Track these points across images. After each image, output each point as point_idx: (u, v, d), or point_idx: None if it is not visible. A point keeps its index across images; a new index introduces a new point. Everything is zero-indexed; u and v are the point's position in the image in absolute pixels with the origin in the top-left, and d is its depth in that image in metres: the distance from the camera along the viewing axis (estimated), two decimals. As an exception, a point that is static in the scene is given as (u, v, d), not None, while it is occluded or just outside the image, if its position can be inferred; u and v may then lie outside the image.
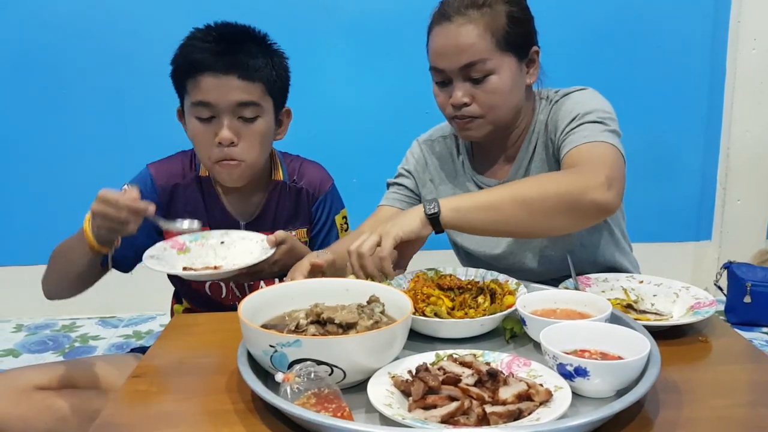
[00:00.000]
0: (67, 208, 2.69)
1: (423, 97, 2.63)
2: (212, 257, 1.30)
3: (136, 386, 0.93)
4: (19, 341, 2.55)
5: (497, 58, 1.25)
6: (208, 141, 1.31)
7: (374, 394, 0.81)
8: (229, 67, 1.28)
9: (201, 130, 1.31)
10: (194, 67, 1.29)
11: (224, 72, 1.28)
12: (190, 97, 1.31)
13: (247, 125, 1.32)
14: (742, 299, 2.59)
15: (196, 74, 1.29)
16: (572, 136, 1.23)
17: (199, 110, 1.30)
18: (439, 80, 1.30)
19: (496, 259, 1.39)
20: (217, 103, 1.29)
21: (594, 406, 0.80)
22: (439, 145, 1.48)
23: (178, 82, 1.35)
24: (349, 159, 2.60)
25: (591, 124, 1.23)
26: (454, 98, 1.27)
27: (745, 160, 2.81)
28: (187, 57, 1.31)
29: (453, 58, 1.25)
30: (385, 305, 0.98)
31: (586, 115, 1.25)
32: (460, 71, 1.25)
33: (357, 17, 2.61)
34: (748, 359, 1.01)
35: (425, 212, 1.10)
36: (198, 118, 1.31)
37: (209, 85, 1.28)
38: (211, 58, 1.28)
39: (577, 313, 1.02)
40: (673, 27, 2.71)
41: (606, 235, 1.38)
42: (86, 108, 2.64)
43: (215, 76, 1.28)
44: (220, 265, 1.27)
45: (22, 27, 2.56)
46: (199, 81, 1.29)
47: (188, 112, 1.33)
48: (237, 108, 1.30)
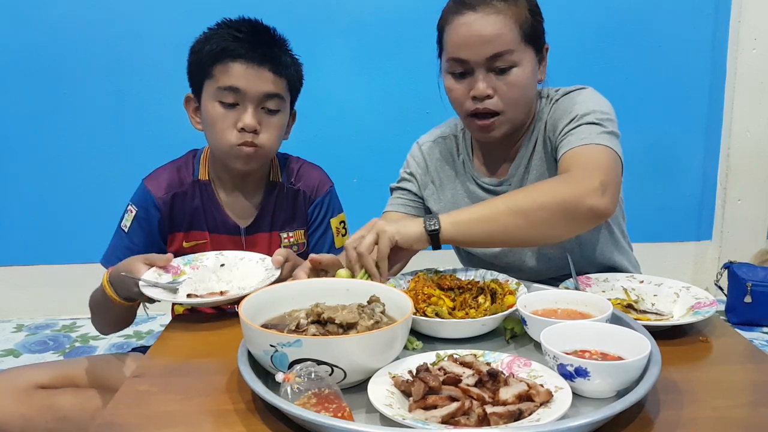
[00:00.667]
0: (67, 209, 2.71)
1: (423, 97, 2.65)
2: (215, 282, 1.25)
3: (136, 386, 0.93)
4: (20, 341, 2.55)
5: (521, 51, 1.24)
6: (228, 125, 1.33)
7: (375, 394, 0.81)
8: (262, 58, 1.32)
9: (222, 114, 1.33)
10: (227, 54, 1.31)
11: (258, 63, 1.32)
12: (216, 82, 1.33)
13: (268, 116, 1.36)
14: (742, 299, 2.59)
15: (227, 60, 1.32)
16: (569, 138, 1.23)
17: (224, 95, 1.32)
18: (459, 71, 1.27)
19: (496, 258, 1.39)
20: (246, 90, 1.32)
21: (594, 407, 0.80)
22: (439, 146, 1.48)
23: (200, 67, 1.35)
24: (350, 159, 2.60)
25: (589, 125, 1.23)
26: (476, 90, 1.25)
27: (746, 160, 2.81)
28: (219, 43, 1.32)
29: (479, 48, 1.22)
30: (385, 305, 0.98)
31: (584, 116, 1.24)
32: (485, 62, 1.23)
33: (357, 18, 2.61)
34: (748, 359, 1.01)
35: (425, 227, 1.10)
36: (221, 102, 1.33)
37: (241, 72, 1.31)
38: (246, 46, 1.32)
39: (578, 313, 1.02)
40: (674, 27, 2.71)
41: (605, 235, 1.38)
42: (86, 108, 2.64)
43: (248, 64, 1.32)
44: (225, 290, 1.22)
45: (23, 27, 2.56)
46: (230, 67, 1.32)
47: (209, 96, 1.35)
48: (263, 99, 1.34)
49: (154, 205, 1.41)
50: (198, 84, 1.37)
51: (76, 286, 2.76)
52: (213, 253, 1.31)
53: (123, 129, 2.66)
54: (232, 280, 1.24)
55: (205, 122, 1.38)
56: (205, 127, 1.38)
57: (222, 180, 1.44)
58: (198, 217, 1.42)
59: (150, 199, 1.41)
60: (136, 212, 1.41)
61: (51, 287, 2.75)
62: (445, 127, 1.50)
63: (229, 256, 1.30)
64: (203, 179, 1.44)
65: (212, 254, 1.31)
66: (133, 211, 1.42)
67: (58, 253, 2.73)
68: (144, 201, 1.42)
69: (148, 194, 1.42)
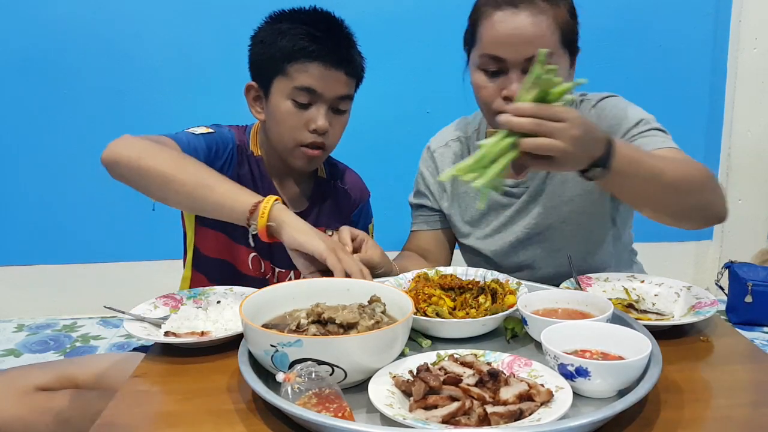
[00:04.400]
0: (67, 209, 2.71)
1: (423, 97, 2.65)
2: (202, 320, 1.09)
3: (137, 386, 0.93)
4: (20, 341, 2.55)
5: (558, 55, 1.21)
6: (299, 125, 1.33)
7: (375, 394, 0.81)
8: (340, 62, 1.32)
9: (295, 113, 1.32)
10: (305, 54, 1.30)
11: (335, 66, 1.31)
12: (292, 81, 1.31)
13: (337, 116, 1.36)
14: (743, 299, 2.59)
15: (304, 60, 1.30)
16: (647, 139, 1.22)
17: (299, 95, 1.31)
18: (493, 69, 1.22)
19: (502, 257, 1.39)
20: (323, 92, 1.31)
21: (595, 407, 0.79)
22: (450, 149, 1.45)
23: (272, 62, 1.33)
24: (350, 159, 2.60)
25: (659, 131, 1.23)
26: (510, 91, 1.20)
27: (746, 160, 2.81)
28: (296, 41, 1.31)
29: (520, 48, 1.18)
30: (386, 305, 0.98)
31: (651, 122, 1.24)
32: (522, 63, 1.19)
33: (358, 18, 2.60)
34: (749, 359, 1.01)
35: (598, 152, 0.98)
36: (294, 101, 1.32)
37: (318, 74, 1.30)
38: (324, 49, 1.31)
39: (579, 313, 1.02)
40: (674, 26, 2.71)
41: (609, 240, 1.37)
42: (87, 108, 2.64)
43: (326, 67, 1.30)
44: (208, 330, 1.07)
45: (23, 27, 2.56)
46: (307, 67, 1.30)
47: (281, 93, 1.33)
48: (336, 100, 1.34)
49: (234, 145, 1.38)
50: (266, 77, 1.35)
51: (76, 286, 2.78)
52: (222, 289, 1.21)
53: (123, 129, 2.64)
54: (219, 320, 1.10)
55: (272, 117, 1.36)
56: (272, 121, 1.36)
57: (272, 164, 1.43)
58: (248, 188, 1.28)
59: (232, 137, 1.38)
60: (214, 133, 1.35)
61: (51, 287, 2.75)
62: (454, 128, 1.47)
63: (237, 292, 1.19)
64: (256, 155, 1.42)
65: (221, 289, 1.21)
66: (210, 130, 1.35)
67: (59, 253, 2.74)
68: (225, 134, 1.37)
69: (230, 132, 1.39)
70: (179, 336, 1.04)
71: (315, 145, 1.34)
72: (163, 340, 1.03)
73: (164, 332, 1.05)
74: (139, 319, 1.10)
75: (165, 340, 1.03)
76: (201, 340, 1.02)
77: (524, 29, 1.17)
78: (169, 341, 1.02)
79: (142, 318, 1.11)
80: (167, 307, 1.16)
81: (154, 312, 1.14)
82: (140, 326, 1.08)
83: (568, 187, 1.33)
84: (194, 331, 1.05)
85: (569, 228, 1.34)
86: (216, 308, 1.13)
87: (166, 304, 1.16)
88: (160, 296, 1.18)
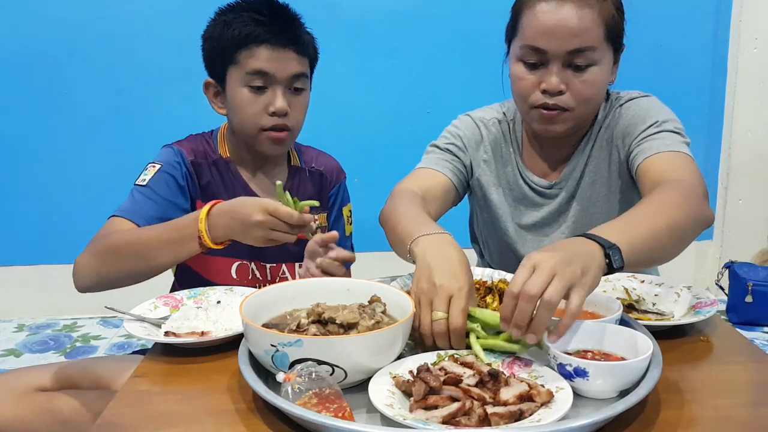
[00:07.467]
0: (67, 209, 2.71)
1: (423, 97, 2.65)
2: (202, 320, 1.09)
3: (137, 386, 0.93)
4: (21, 341, 2.55)
5: (603, 49, 1.20)
6: (259, 110, 1.34)
7: (375, 394, 0.81)
8: (287, 41, 1.33)
9: (252, 99, 1.34)
10: (251, 39, 1.32)
11: (283, 46, 1.33)
12: (243, 68, 1.33)
13: (295, 96, 1.37)
14: (743, 299, 2.59)
15: (251, 45, 1.32)
16: (653, 142, 1.20)
17: (253, 79, 1.33)
18: (534, 61, 1.21)
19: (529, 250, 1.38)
20: (274, 73, 1.33)
21: (595, 407, 0.79)
22: (494, 126, 1.40)
23: (222, 54, 1.35)
24: (351, 159, 2.59)
25: (671, 133, 1.21)
26: (549, 83, 1.19)
27: (747, 160, 2.81)
28: (241, 28, 1.32)
29: (564, 40, 1.17)
30: (386, 305, 0.98)
31: (664, 123, 1.23)
32: (564, 56, 1.18)
33: (358, 17, 2.61)
34: (749, 359, 1.01)
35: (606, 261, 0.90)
36: (250, 87, 1.33)
37: (267, 56, 1.32)
38: (271, 31, 1.32)
39: (587, 312, 1.02)
40: (674, 26, 2.70)
41: None
42: (87, 108, 2.64)
43: (274, 48, 1.32)
44: (208, 330, 1.06)
45: (22, 27, 2.56)
46: (255, 52, 1.32)
47: (236, 82, 1.34)
48: (290, 80, 1.35)
49: (184, 163, 1.38)
50: (220, 70, 1.37)
51: (76, 286, 2.78)
52: (221, 288, 1.21)
53: (123, 129, 2.66)
54: (219, 320, 1.09)
55: (231, 108, 1.37)
56: (232, 112, 1.38)
57: (244, 160, 1.44)
58: (220, 193, 1.39)
59: (180, 156, 1.38)
60: (161, 167, 1.35)
61: (52, 287, 2.74)
62: (493, 111, 1.42)
63: (237, 292, 1.20)
64: (225, 157, 1.43)
65: (220, 289, 1.21)
66: (156, 167, 1.35)
67: (59, 253, 2.73)
68: (171, 157, 1.37)
69: (177, 152, 1.39)
70: (179, 336, 1.04)
71: (278, 127, 1.35)
72: (163, 340, 1.03)
73: (164, 332, 1.05)
74: (140, 319, 1.11)
75: (165, 340, 1.03)
76: (201, 340, 1.02)
77: (569, 21, 1.17)
78: (170, 341, 1.03)
79: (142, 318, 1.11)
80: (167, 307, 1.16)
81: (155, 312, 1.14)
82: (140, 326, 1.08)
83: (596, 188, 1.33)
84: (194, 331, 1.06)
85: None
86: (216, 308, 1.13)
87: (166, 304, 1.16)
88: (161, 296, 1.19)
